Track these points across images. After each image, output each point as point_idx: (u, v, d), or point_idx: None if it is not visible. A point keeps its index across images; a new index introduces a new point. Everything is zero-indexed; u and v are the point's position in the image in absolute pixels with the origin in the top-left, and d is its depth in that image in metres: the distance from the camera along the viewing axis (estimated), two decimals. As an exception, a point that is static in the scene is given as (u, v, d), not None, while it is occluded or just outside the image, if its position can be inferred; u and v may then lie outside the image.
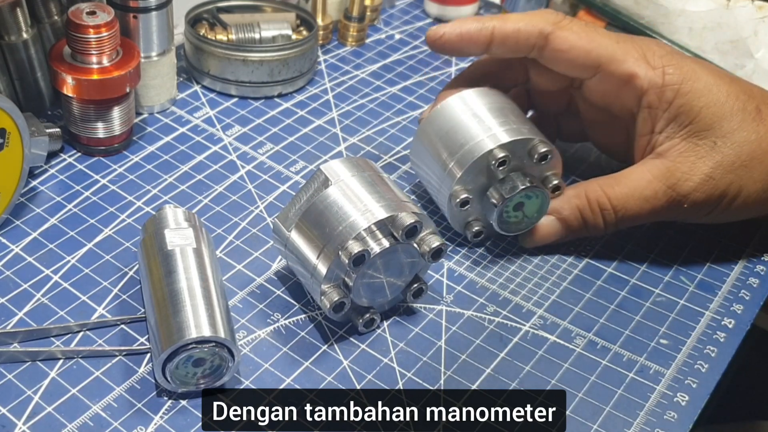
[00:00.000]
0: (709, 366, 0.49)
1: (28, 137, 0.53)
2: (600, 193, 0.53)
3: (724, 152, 0.51)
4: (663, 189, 0.52)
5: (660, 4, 0.75)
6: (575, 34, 0.53)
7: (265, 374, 0.47)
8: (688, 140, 0.52)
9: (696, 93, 0.51)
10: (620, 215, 0.53)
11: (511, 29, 0.53)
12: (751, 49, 0.72)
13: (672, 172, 0.52)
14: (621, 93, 0.53)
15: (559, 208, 0.54)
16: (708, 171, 0.51)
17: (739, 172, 0.51)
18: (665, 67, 0.52)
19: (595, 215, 0.53)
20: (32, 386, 0.45)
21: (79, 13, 0.55)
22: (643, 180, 0.52)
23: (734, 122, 0.51)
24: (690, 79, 0.52)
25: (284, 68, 0.67)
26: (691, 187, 0.52)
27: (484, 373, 0.48)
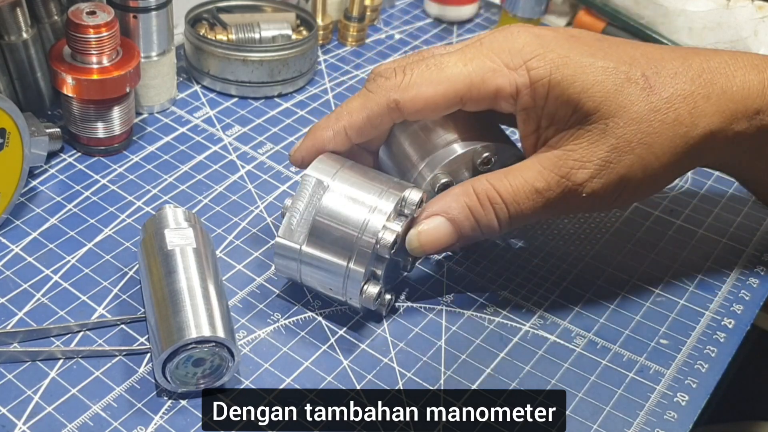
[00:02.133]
0: (709, 366, 0.49)
1: (28, 137, 0.53)
2: (488, 186, 0.48)
3: (617, 133, 0.46)
4: (556, 179, 0.47)
5: (660, 4, 0.75)
6: (423, 87, 0.47)
7: (265, 374, 0.47)
8: (577, 128, 0.47)
9: (569, 80, 0.46)
10: (513, 210, 0.48)
11: (362, 119, 0.49)
12: (751, 49, 0.72)
13: (564, 160, 0.47)
14: (497, 105, 0.49)
15: (446, 208, 0.48)
16: (603, 155, 0.47)
17: (639, 150, 0.47)
18: (528, 62, 0.47)
19: (486, 212, 0.48)
20: (32, 386, 0.45)
21: (79, 13, 0.55)
22: (533, 171, 0.48)
23: (621, 98, 0.46)
24: (559, 67, 0.46)
25: (284, 68, 0.67)
26: (587, 175, 0.47)
27: (484, 373, 0.48)
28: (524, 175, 0.48)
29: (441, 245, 0.48)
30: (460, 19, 0.80)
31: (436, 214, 0.48)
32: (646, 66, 0.47)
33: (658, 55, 0.48)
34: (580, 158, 0.47)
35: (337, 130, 0.50)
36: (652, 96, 0.47)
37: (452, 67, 0.47)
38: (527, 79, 0.47)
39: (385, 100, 0.48)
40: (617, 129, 0.46)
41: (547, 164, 0.48)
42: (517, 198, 0.48)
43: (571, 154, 0.47)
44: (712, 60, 0.48)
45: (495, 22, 0.81)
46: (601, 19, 0.79)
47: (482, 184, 0.48)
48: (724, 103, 0.47)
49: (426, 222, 0.48)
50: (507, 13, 0.76)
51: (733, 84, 0.48)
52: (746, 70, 0.48)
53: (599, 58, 0.47)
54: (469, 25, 0.80)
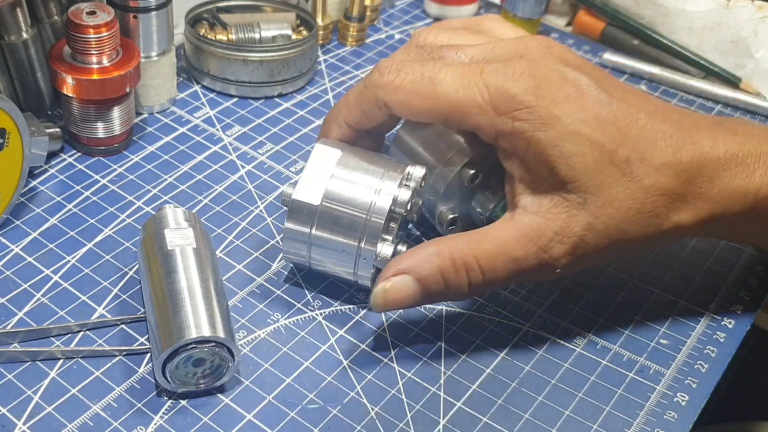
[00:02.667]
0: (709, 366, 0.49)
1: (28, 137, 0.53)
2: (466, 251, 0.45)
3: (595, 212, 0.45)
4: (534, 251, 0.45)
5: (660, 4, 0.75)
6: (410, 95, 0.47)
7: (265, 374, 0.47)
8: (555, 194, 0.45)
9: (549, 142, 0.44)
10: (488, 277, 0.46)
11: (358, 113, 0.50)
12: (751, 49, 0.72)
13: (543, 231, 0.45)
14: (476, 135, 0.48)
15: (416, 267, 0.45)
16: (580, 233, 0.45)
17: (614, 235, 0.45)
18: (516, 112, 0.44)
19: (459, 277, 0.46)
20: (32, 386, 0.45)
21: (79, 13, 0.55)
22: (511, 237, 0.46)
23: (600, 178, 0.44)
24: (544, 126, 0.44)
25: (284, 68, 0.67)
26: (563, 251, 0.45)
27: (484, 373, 0.48)
28: (503, 242, 0.46)
29: (405, 305, 0.47)
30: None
31: (405, 273, 0.46)
32: (635, 149, 0.45)
33: (653, 136, 0.45)
34: (560, 231, 0.45)
35: (339, 123, 0.51)
36: (631, 184, 0.45)
37: (444, 87, 0.46)
38: (510, 128, 0.45)
39: (375, 98, 0.49)
40: (595, 208, 0.45)
41: (526, 232, 0.46)
42: (494, 265, 0.46)
43: (551, 225, 0.45)
44: (705, 154, 0.46)
45: (495, 22, 0.81)
46: (601, 19, 0.79)
47: (460, 249, 0.46)
48: (701, 203, 0.46)
49: (394, 280, 0.46)
50: (507, 13, 0.76)
51: (715, 186, 0.46)
52: (735, 172, 0.46)
53: (592, 128, 0.44)
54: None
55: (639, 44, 0.77)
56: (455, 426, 0.45)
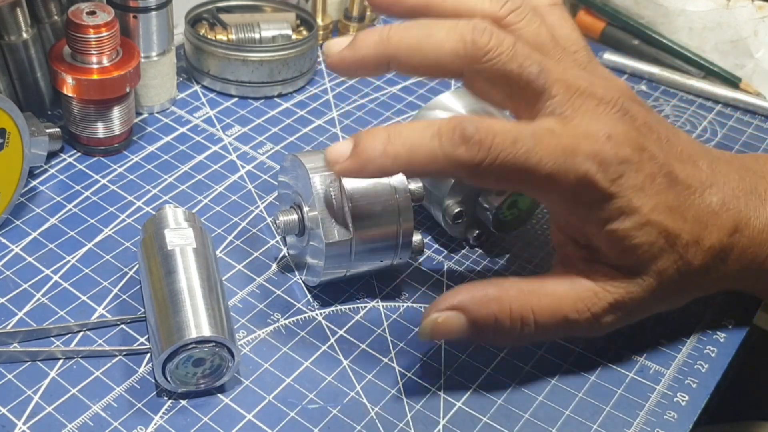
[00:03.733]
0: (709, 366, 0.49)
1: (28, 137, 0.53)
2: (525, 303, 0.45)
3: (648, 290, 0.46)
4: (587, 316, 0.45)
5: (660, 4, 0.75)
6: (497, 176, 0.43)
7: (265, 374, 0.47)
8: (616, 270, 0.46)
9: (625, 234, 0.44)
10: (539, 333, 0.45)
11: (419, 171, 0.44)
12: (751, 49, 0.72)
13: (600, 300, 0.46)
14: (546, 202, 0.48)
15: (471, 308, 0.45)
16: (630, 305, 0.46)
17: (656, 307, 0.48)
18: (620, 178, 0.44)
19: (513, 328, 0.45)
20: (32, 386, 0.45)
21: (79, 13, 0.55)
22: (569, 299, 0.45)
23: (661, 263, 0.45)
24: (622, 216, 0.44)
25: (284, 68, 0.67)
26: (613, 319, 0.46)
27: (484, 373, 0.48)
28: (560, 300, 0.45)
29: (451, 338, 0.47)
30: (460, 19, 0.80)
31: (459, 310, 0.45)
32: (692, 232, 0.45)
33: (705, 216, 0.46)
34: (614, 303, 0.46)
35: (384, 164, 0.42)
36: (683, 266, 0.46)
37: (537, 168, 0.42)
38: (587, 214, 0.45)
39: (452, 171, 0.43)
40: (649, 288, 0.46)
41: (583, 297, 0.45)
42: (548, 323, 0.45)
43: (608, 297, 0.45)
44: (741, 232, 0.47)
45: (495, 22, 0.81)
46: (601, 19, 0.79)
47: (520, 300, 0.45)
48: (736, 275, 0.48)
49: (447, 314, 0.45)
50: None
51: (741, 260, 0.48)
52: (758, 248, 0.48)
53: (663, 215, 0.45)
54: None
55: (639, 44, 0.77)
56: (455, 426, 0.45)
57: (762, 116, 0.71)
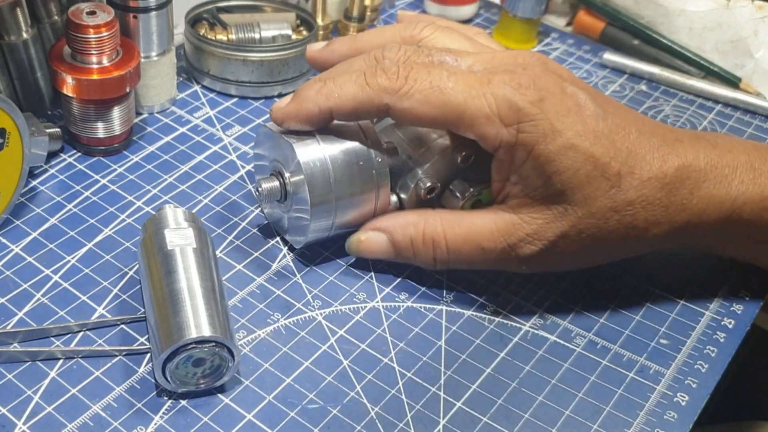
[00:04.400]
0: (709, 366, 0.49)
1: (28, 137, 0.53)
2: (438, 230, 0.50)
3: (572, 221, 0.47)
4: (503, 246, 0.49)
5: (660, 4, 0.75)
6: (417, 103, 0.47)
7: (265, 374, 0.47)
8: (539, 201, 0.48)
9: (548, 157, 0.46)
10: (452, 257, 0.50)
11: (350, 108, 0.49)
12: (751, 49, 0.72)
13: (516, 230, 0.48)
14: (474, 143, 0.49)
15: (392, 230, 0.51)
16: (553, 239, 0.48)
17: (587, 242, 0.48)
18: (521, 125, 0.46)
19: (426, 249, 0.50)
20: (32, 386, 0.45)
21: (79, 13, 0.55)
22: (485, 228, 0.49)
23: (588, 190, 0.47)
24: (545, 140, 0.46)
25: (284, 68, 0.67)
26: (532, 252, 0.48)
27: (484, 373, 0.48)
28: (476, 230, 0.49)
29: (376, 257, 0.52)
30: (460, 19, 0.80)
31: (381, 231, 0.51)
32: (625, 162, 0.47)
33: (641, 150, 0.48)
34: (533, 233, 0.48)
35: (323, 108, 0.49)
36: (618, 195, 0.47)
37: (452, 96, 0.47)
38: (514, 140, 0.47)
39: (378, 101, 0.48)
40: (575, 218, 0.47)
41: (501, 227, 0.49)
42: (461, 248, 0.50)
43: (525, 227, 0.48)
44: (689, 167, 0.48)
45: (495, 22, 0.81)
46: (601, 19, 0.79)
47: (434, 225, 0.50)
48: (681, 214, 0.48)
49: (371, 234, 0.52)
50: (507, 13, 0.76)
51: (695, 197, 0.48)
52: (715, 182, 0.49)
53: (589, 142, 0.46)
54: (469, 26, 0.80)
55: (639, 44, 0.77)
56: (455, 426, 0.45)
57: (762, 116, 0.71)
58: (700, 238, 0.51)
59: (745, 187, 0.49)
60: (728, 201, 0.49)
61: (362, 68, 0.50)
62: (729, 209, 0.49)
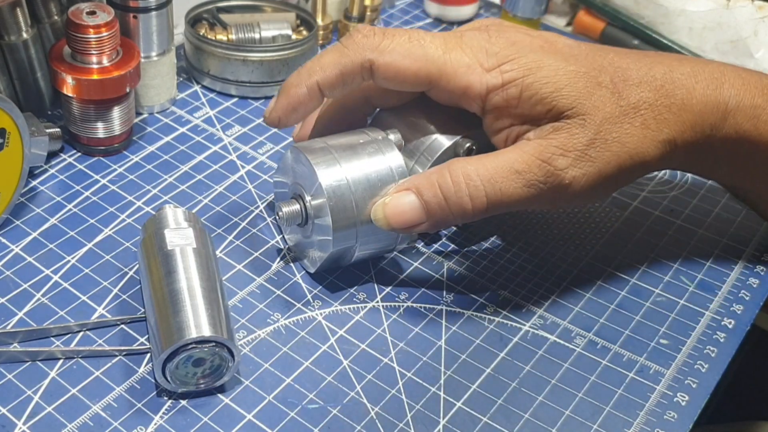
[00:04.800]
0: (709, 366, 0.49)
1: (28, 137, 0.53)
2: (463, 165, 0.47)
3: (594, 129, 0.47)
4: (537, 163, 0.47)
5: (660, 4, 0.75)
6: (399, 56, 0.48)
7: (265, 374, 0.47)
8: (555, 123, 0.48)
9: (542, 81, 0.47)
10: (490, 190, 0.47)
11: (335, 75, 0.49)
12: (751, 49, 0.72)
13: (545, 147, 0.47)
14: (463, 100, 0.49)
15: (417, 184, 0.48)
16: (583, 147, 0.47)
17: (615, 148, 0.48)
18: (502, 66, 0.48)
19: (457, 190, 0.47)
20: (32, 386, 0.45)
21: (79, 13, 0.55)
22: (512, 154, 0.48)
23: (593, 99, 0.48)
24: (532, 70, 0.47)
25: (284, 68, 0.67)
26: (567, 162, 0.47)
27: (484, 373, 0.48)
28: (504, 158, 0.48)
29: (407, 220, 0.48)
30: (460, 19, 0.80)
31: (405, 189, 0.48)
32: (614, 73, 0.49)
33: (624, 63, 0.50)
34: (561, 146, 0.48)
35: (310, 85, 0.49)
36: (621, 100, 0.48)
37: (432, 49, 0.48)
38: (500, 81, 0.48)
39: (360, 59, 0.48)
40: (594, 125, 0.48)
41: (527, 149, 0.48)
42: (496, 178, 0.47)
43: (552, 142, 0.48)
44: (674, 71, 0.50)
45: (495, 22, 0.81)
46: (601, 19, 0.79)
47: (457, 164, 0.48)
48: (684, 114, 0.49)
49: (394, 195, 0.48)
50: (507, 13, 0.76)
51: (693, 97, 0.49)
52: (706, 84, 0.50)
53: (571, 63, 0.48)
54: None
55: (639, 44, 0.77)
56: (455, 426, 0.45)
57: (762, 116, 0.71)
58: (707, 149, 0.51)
59: (735, 91, 0.50)
60: (722, 102, 0.50)
61: (336, 44, 0.50)
62: (724, 111, 0.50)
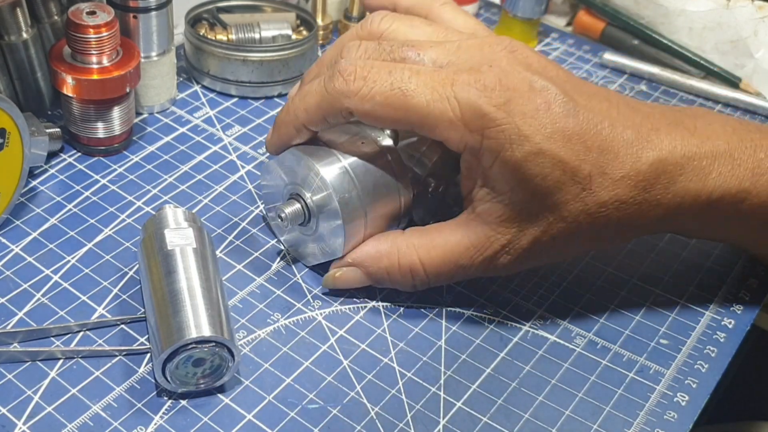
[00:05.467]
0: (709, 366, 0.49)
1: (28, 137, 0.53)
2: (414, 259, 0.49)
3: (545, 227, 0.46)
4: (480, 260, 0.48)
5: (660, 4, 0.75)
6: (378, 106, 0.46)
7: (265, 374, 0.47)
8: (509, 207, 0.46)
9: (515, 164, 0.45)
10: (432, 279, 0.49)
11: (319, 118, 0.48)
12: (751, 49, 0.72)
13: (492, 243, 0.47)
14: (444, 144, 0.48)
15: (367, 264, 0.50)
16: (527, 246, 0.47)
17: (560, 246, 0.48)
18: (486, 130, 0.44)
19: (404, 278, 0.50)
20: (32, 386, 0.45)
21: (79, 13, 0.55)
22: (460, 247, 0.48)
23: (559, 196, 0.45)
24: (512, 146, 0.44)
25: (284, 68, 0.67)
26: (508, 261, 0.48)
27: (484, 373, 0.48)
28: (451, 249, 0.48)
29: (352, 287, 0.51)
30: (460, 19, 0.80)
31: (355, 265, 0.50)
32: (596, 163, 0.45)
33: (616, 146, 0.46)
34: (507, 244, 0.47)
35: (297, 126, 0.50)
36: (589, 198, 0.46)
37: (415, 99, 0.45)
38: (479, 145, 0.45)
39: (339, 106, 0.47)
40: (545, 224, 0.47)
41: (474, 241, 0.48)
42: (440, 270, 0.49)
43: (500, 239, 0.47)
44: (664, 161, 0.47)
45: (495, 22, 0.81)
46: (601, 19, 0.79)
47: (408, 255, 0.49)
48: (653, 209, 0.47)
49: (345, 270, 0.50)
50: (507, 13, 0.76)
51: (670, 192, 0.47)
52: (691, 176, 0.47)
53: (558, 145, 0.45)
54: None
55: (639, 44, 0.77)
56: (455, 426, 0.45)
57: (762, 116, 0.71)
58: (677, 227, 0.51)
59: (722, 180, 0.47)
60: (704, 194, 0.47)
61: (322, 73, 0.49)
62: (705, 201, 0.48)
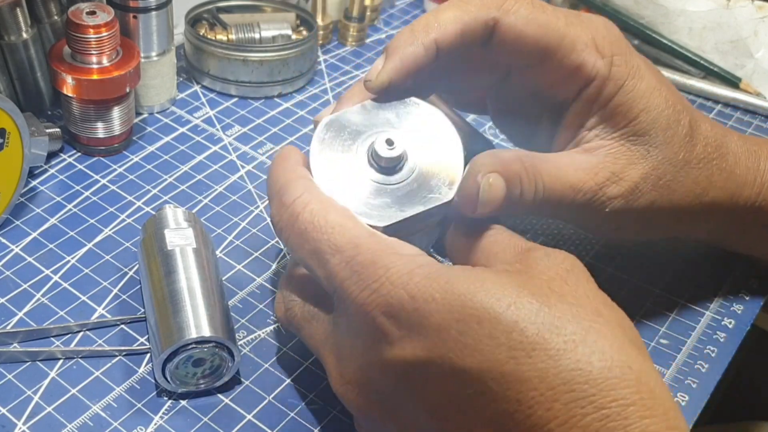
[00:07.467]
0: (709, 366, 0.49)
1: (28, 137, 0.53)
2: (536, 161, 0.45)
3: (653, 164, 0.46)
4: (589, 184, 0.45)
5: (660, 4, 0.75)
6: (522, 20, 0.44)
7: (265, 374, 0.47)
8: (621, 142, 0.46)
9: (638, 93, 0.46)
10: (546, 195, 0.45)
11: (455, 33, 0.44)
12: (751, 49, 0.72)
13: (601, 170, 0.46)
14: (560, 83, 0.46)
15: (503, 167, 0.43)
16: (637, 180, 0.46)
17: (662, 190, 0.47)
18: (615, 57, 0.46)
19: (529, 184, 0.44)
20: (32, 386, 0.45)
21: (79, 13, 0.55)
22: (571, 167, 0.45)
23: (668, 134, 0.46)
24: (635, 76, 0.46)
25: (284, 68, 0.67)
26: (617, 192, 0.46)
27: (484, 373, 0.48)
28: (564, 166, 0.45)
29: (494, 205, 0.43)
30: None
31: (496, 172, 0.42)
32: (692, 116, 0.48)
33: (696, 113, 0.49)
34: (617, 172, 0.46)
35: (427, 43, 0.44)
36: (689, 146, 0.47)
37: (554, 20, 0.45)
38: (607, 71, 0.45)
39: (485, 17, 0.44)
40: (655, 161, 0.46)
41: (585, 166, 0.46)
42: (553, 185, 0.45)
43: (610, 166, 0.46)
44: (728, 136, 0.49)
45: (495, 22, 0.81)
46: (601, 19, 0.79)
47: (531, 160, 0.44)
48: (730, 180, 0.49)
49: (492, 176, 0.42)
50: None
51: (737, 167, 0.49)
52: (748, 159, 0.49)
53: (665, 87, 0.47)
54: None
55: (639, 44, 0.77)
56: (455, 426, 0.45)
57: (762, 116, 0.71)
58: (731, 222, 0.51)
59: None
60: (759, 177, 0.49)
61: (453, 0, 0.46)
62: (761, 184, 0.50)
